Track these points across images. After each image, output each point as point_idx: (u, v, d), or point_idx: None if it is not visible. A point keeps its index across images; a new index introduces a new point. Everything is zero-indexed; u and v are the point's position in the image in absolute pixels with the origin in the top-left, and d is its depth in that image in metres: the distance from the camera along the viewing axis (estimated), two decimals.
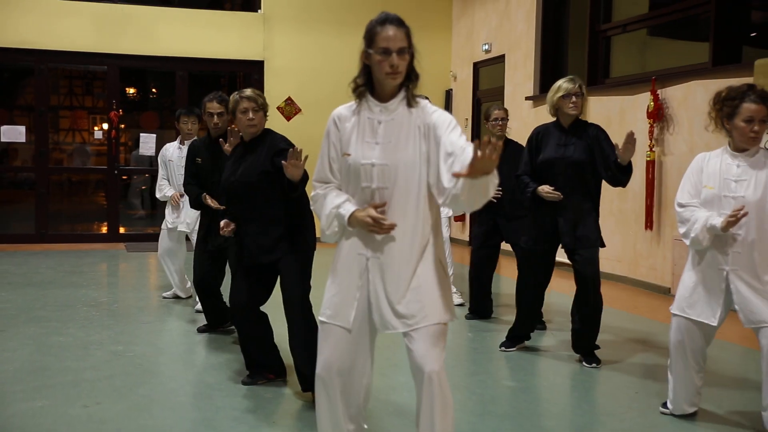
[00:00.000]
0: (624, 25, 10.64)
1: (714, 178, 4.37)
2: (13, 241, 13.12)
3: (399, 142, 3.29)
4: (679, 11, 9.83)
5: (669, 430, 4.59)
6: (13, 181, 15.48)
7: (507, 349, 6.27)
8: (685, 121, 8.96)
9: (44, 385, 5.19)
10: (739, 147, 4.36)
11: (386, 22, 3.27)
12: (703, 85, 8.75)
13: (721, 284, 4.34)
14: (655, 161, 9.28)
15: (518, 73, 12.46)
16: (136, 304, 8.13)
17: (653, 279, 9.47)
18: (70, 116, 17.61)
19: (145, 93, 17.65)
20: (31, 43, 12.83)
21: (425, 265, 3.33)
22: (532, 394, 5.36)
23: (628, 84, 9.97)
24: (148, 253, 12.17)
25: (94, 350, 6.17)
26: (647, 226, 9.49)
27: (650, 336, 7.00)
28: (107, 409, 4.74)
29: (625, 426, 4.68)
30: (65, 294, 8.55)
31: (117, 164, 13.65)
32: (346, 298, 3.37)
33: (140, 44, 13.25)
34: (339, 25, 13.80)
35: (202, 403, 4.95)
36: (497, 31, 13.20)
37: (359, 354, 3.41)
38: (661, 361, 6.13)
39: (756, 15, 9.23)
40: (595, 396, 5.35)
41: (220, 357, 6.06)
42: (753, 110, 4.22)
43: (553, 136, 5.89)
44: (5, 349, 6.12)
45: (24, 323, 7.05)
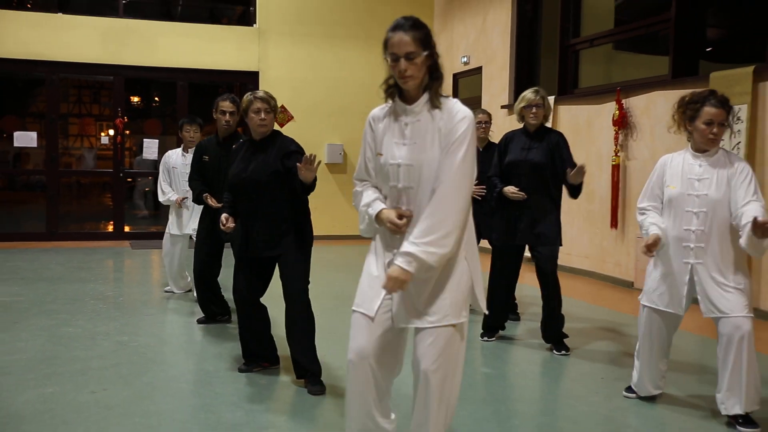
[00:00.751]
0: (591, 40, 10.68)
1: (677, 178, 4.38)
2: (26, 239, 13.10)
3: (424, 143, 3.18)
4: (642, 27, 9.88)
5: (633, 411, 4.61)
6: (25, 183, 15.44)
7: (489, 339, 6.30)
8: (647, 129, 9.00)
9: (54, 373, 5.18)
10: (700, 148, 4.37)
11: (396, 29, 3.15)
12: (664, 96, 8.79)
13: (685, 276, 4.34)
14: (620, 165, 9.31)
15: (494, 84, 12.48)
16: (140, 297, 8.11)
17: (618, 274, 9.51)
18: (78, 123, 17.56)
19: (149, 101, 17.60)
20: (43, 55, 12.82)
21: (448, 265, 3.19)
22: (507, 380, 5.38)
23: (596, 94, 10.01)
24: (152, 250, 12.14)
25: (101, 340, 6.15)
26: (612, 225, 9.52)
27: (615, 326, 7.02)
28: (113, 396, 4.73)
29: (592, 409, 4.69)
30: (74, 288, 8.53)
31: (122, 168, 13.63)
32: (373, 289, 3.26)
33: (144, 56, 13.24)
34: (329, 39, 13.80)
35: (202, 389, 4.95)
36: (475, 45, 13.22)
37: (387, 345, 3.28)
38: (624, 349, 6.17)
39: (711, 32, 9.29)
40: (565, 381, 5.37)
41: (219, 347, 6.06)
42: (713, 113, 4.23)
43: (518, 141, 6.02)
44: (18, 340, 6.10)
45: (35, 315, 7.03)
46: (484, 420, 4.40)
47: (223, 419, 4.33)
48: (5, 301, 7.68)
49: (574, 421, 4.50)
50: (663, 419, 4.50)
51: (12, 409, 4.43)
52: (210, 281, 6.61)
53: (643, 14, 10.18)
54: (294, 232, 4.92)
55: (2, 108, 14.81)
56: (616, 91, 9.39)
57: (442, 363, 3.15)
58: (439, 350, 3.15)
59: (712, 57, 9.06)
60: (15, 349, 5.80)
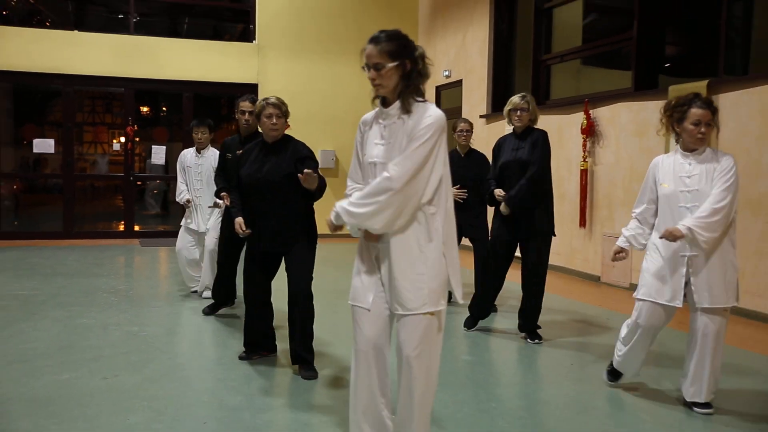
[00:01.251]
0: (561, 56, 10.71)
1: (669, 177, 4.30)
2: (43, 237, 13.07)
3: (398, 144, 3.20)
4: (607, 45, 9.92)
5: (599, 394, 4.63)
6: (44, 186, 15.37)
7: (470, 329, 6.29)
8: (613, 137, 9.03)
9: (70, 360, 5.17)
10: (689, 147, 4.29)
11: (370, 41, 3.20)
12: (627, 107, 8.82)
13: (683, 269, 4.23)
14: (588, 170, 9.34)
15: (473, 95, 12.50)
16: (149, 291, 8.09)
17: (586, 269, 9.54)
18: (92, 131, 17.48)
19: (157, 111, 17.53)
20: (60, 69, 12.79)
21: (426, 254, 3.21)
22: (485, 367, 5.38)
23: (565, 105, 10.03)
24: (160, 247, 12.11)
25: (112, 330, 6.13)
26: (581, 224, 9.55)
27: (583, 317, 7.05)
28: (124, 381, 4.71)
29: (562, 392, 4.71)
30: (88, 283, 8.49)
31: (132, 172, 13.59)
32: (365, 283, 3.32)
33: (152, 70, 13.21)
34: (324, 54, 13.80)
35: (205, 375, 4.94)
36: (455, 60, 13.24)
37: (384, 333, 3.33)
38: (591, 338, 6.19)
39: (669, 49, 9.33)
40: (538, 368, 5.38)
41: (221, 337, 6.05)
42: (700, 114, 4.18)
43: (509, 143, 5.97)
44: (36, 330, 6.08)
45: (52, 307, 7.00)
46: (464, 403, 4.41)
47: (224, 403, 4.33)
48: (25, 294, 7.65)
49: (546, 402, 4.52)
50: (627, 400, 4.51)
51: (31, 394, 4.42)
52: (231, 266, 6.62)
53: (608, 33, 10.24)
54: (303, 229, 4.90)
55: (22, 117, 14.74)
56: (584, 102, 9.42)
57: (423, 349, 3.18)
58: (420, 337, 3.18)
59: (670, 72, 9.10)
60: (33, 338, 5.78)
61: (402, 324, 3.22)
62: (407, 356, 3.18)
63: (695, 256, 4.20)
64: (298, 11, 13.86)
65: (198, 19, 15.19)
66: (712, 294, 4.18)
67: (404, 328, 3.20)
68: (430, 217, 3.20)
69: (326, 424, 3.99)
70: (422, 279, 3.19)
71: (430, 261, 3.20)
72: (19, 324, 6.29)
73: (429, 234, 3.21)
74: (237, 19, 14.89)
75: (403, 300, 3.19)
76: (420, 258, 3.19)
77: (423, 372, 3.21)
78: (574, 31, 10.75)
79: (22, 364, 5.05)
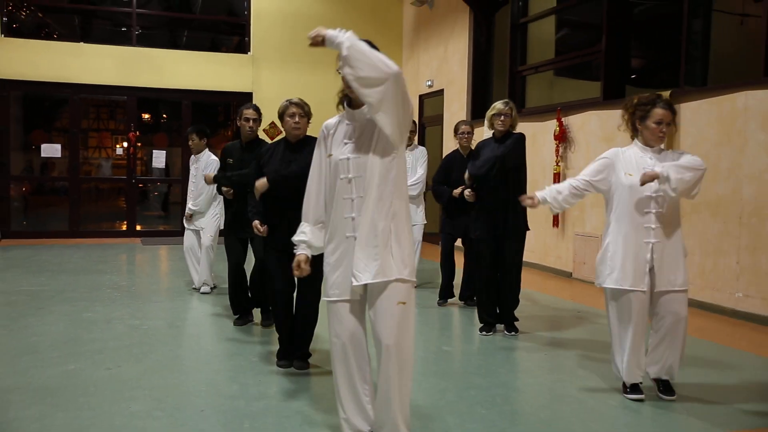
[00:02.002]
0: (536, 67, 10.75)
1: (632, 167, 4.21)
2: (51, 236, 13.03)
3: (369, 141, 3.26)
4: (578, 57, 9.98)
5: (570, 383, 4.63)
6: (51, 188, 15.28)
7: (487, 333, 5.91)
8: (583, 142, 9.06)
9: (75, 352, 5.13)
10: (648, 144, 4.24)
11: None
12: (597, 115, 8.86)
13: (647, 254, 4.14)
14: (560, 173, 9.37)
15: (454, 104, 12.52)
16: (150, 287, 8.06)
17: (559, 266, 9.57)
18: (97, 136, 17.41)
19: (157, 118, 17.45)
20: (67, 78, 12.77)
21: (393, 230, 3.24)
22: (465, 357, 5.38)
23: (540, 113, 10.06)
24: (160, 246, 12.06)
25: (115, 324, 6.09)
26: (554, 224, 9.59)
27: (556, 311, 7.07)
28: (126, 372, 4.68)
29: (537, 381, 4.73)
30: (92, 279, 8.45)
31: (134, 175, 13.55)
32: (344, 274, 3.29)
33: (153, 79, 13.17)
34: (314, 64, 13.76)
35: (203, 366, 4.92)
36: (438, 71, 13.25)
37: (360, 321, 3.35)
38: (563, 330, 6.20)
39: (635, 61, 9.38)
40: (514, 358, 5.37)
41: (218, 330, 6.03)
42: (662, 114, 4.16)
43: (489, 147, 5.87)
44: (44, 323, 6.03)
45: (59, 302, 6.95)
46: (446, 391, 4.40)
47: (221, 391, 4.31)
48: (33, 290, 7.59)
49: (522, 390, 4.53)
50: (596, 388, 4.52)
51: (39, 383, 4.38)
52: (243, 279, 6.15)
53: (579, 46, 10.29)
54: None
55: (31, 124, 14.68)
56: (557, 110, 9.45)
57: (398, 335, 3.18)
58: (396, 324, 3.18)
59: (635, 83, 9.15)
60: (41, 332, 5.74)
61: (375, 312, 3.22)
62: (386, 345, 3.16)
63: (658, 243, 4.15)
64: (290, 24, 13.84)
65: (196, 31, 15.14)
66: (677, 277, 4.16)
67: (379, 316, 3.20)
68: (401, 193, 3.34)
69: (316, 410, 3.98)
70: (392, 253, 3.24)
71: (393, 240, 3.25)
72: (28, 318, 6.25)
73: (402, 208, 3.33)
74: (233, 31, 14.84)
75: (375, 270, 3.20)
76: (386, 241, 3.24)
77: (404, 358, 3.22)
78: (548, 44, 10.79)
79: (30, 356, 5.01)
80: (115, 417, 3.83)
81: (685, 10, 7.74)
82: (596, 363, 5.12)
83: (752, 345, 5.81)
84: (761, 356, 5.45)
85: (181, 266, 9.40)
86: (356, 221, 3.25)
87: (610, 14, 8.87)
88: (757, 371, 5.04)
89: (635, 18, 9.12)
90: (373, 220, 3.21)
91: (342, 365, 3.33)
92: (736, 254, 6.85)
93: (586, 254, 8.96)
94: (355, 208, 3.25)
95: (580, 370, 4.96)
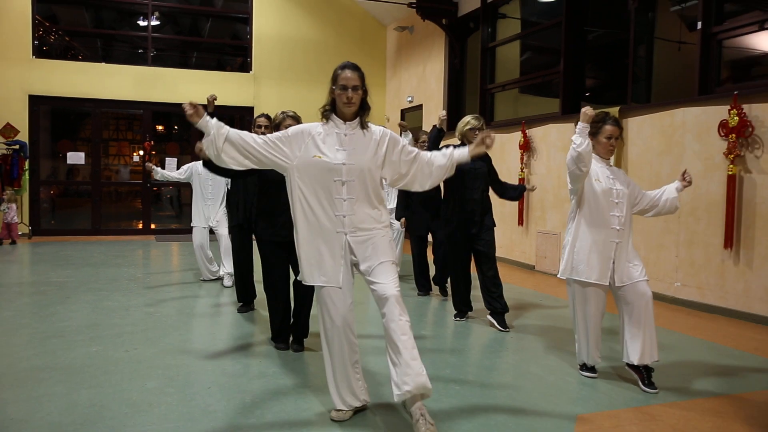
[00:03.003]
0: (503, 86, 10.80)
1: (600, 176, 4.20)
2: (76, 234, 12.97)
3: (363, 150, 3.33)
4: (539, 77, 10.02)
5: (533, 361, 4.67)
6: (75, 191, 15.19)
7: (460, 319, 5.94)
8: (545, 151, 9.12)
9: (97, 336, 5.12)
10: (600, 156, 4.25)
11: (345, 68, 3.36)
12: (556, 127, 8.91)
13: (612, 253, 4.12)
14: (525, 178, 9.42)
15: (432, 117, 12.54)
16: (163, 278, 8.03)
17: (523, 259, 9.62)
18: (116, 145, 17.30)
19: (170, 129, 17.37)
20: (90, 94, 12.71)
21: (381, 231, 3.37)
22: (440, 341, 5.38)
23: (506, 125, 10.11)
24: (172, 242, 12.02)
25: (133, 311, 6.08)
26: (519, 223, 9.64)
27: (520, 298, 7.10)
28: (142, 353, 4.68)
29: (504, 360, 4.76)
30: (112, 271, 8.41)
31: (149, 179, 13.48)
32: (334, 265, 3.30)
33: (166, 95, 13.11)
34: (308, 81, 13.78)
35: (209, 348, 4.91)
36: (417, 88, 13.28)
37: (351, 307, 3.35)
38: (527, 315, 6.24)
39: (589, 81, 9.44)
40: (484, 340, 5.39)
41: (223, 317, 6.03)
42: (611, 130, 4.16)
43: None
44: (70, 311, 6.01)
45: (83, 292, 6.92)
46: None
47: (225, 371, 4.31)
48: (60, 282, 7.55)
49: (491, 368, 4.55)
50: (556, 366, 4.56)
51: (65, 363, 4.37)
52: (250, 271, 6.12)
53: (541, 67, 10.34)
54: None
55: (58, 134, 14.57)
56: (521, 123, 9.50)
57: (395, 278, 3.31)
58: (394, 276, 3.31)
59: (589, 99, 9.22)
60: (67, 318, 5.73)
61: (375, 274, 3.27)
62: (394, 295, 3.21)
63: (620, 243, 4.14)
64: (287, 47, 13.83)
65: (204, 53, 15.08)
66: (639, 269, 4.15)
67: (379, 276, 3.26)
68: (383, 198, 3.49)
69: (310, 386, 3.99)
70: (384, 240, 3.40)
71: (385, 236, 3.41)
72: (56, 306, 6.22)
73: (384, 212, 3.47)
74: (236, 53, 14.79)
75: (387, 256, 3.33)
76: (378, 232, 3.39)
77: (403, 306, 3.27)
78: (513, 65, 10.84)
79: (58, 339, 5.00)
80: (133, 393, 3.83)
81: (631, 37, 7.82)
82: (556, 344, 5.16)
83: (687, 328, 5.89)
84: (696, 337, 5.52)
85: (190, 260, 9.39)
86: (347, 219, 3.29)
87: (568, 40, 8.93)
88: (692, 351, 5.11)
89: (589, 44, 9.19)
90: (364, 218, 3.32)
91: (336, 347, 3.32)
92: (675, 249, 6.93)
93: (547, 249, 9.02)
94: (346, 208, 3.28)
95: (542, 350, 5.00)
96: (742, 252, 6.28)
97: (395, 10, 13.32)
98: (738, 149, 6.24)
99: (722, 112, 6.42)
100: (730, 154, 6.29)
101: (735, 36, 6.75)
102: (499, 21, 11.04)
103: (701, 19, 6.83)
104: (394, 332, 3.19)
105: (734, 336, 5.61)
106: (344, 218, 3.29)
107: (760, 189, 6.12)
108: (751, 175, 6.19)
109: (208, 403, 3.68)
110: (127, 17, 14.08)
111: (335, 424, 3.38)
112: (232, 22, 14.73)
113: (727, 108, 6.33)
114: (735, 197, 6.28)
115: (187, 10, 14.22)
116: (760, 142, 6.12)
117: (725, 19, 6.82)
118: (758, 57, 6.81)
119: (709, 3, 6.83)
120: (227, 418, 3.47)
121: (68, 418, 3.42)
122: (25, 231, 12.33)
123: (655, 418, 3.62)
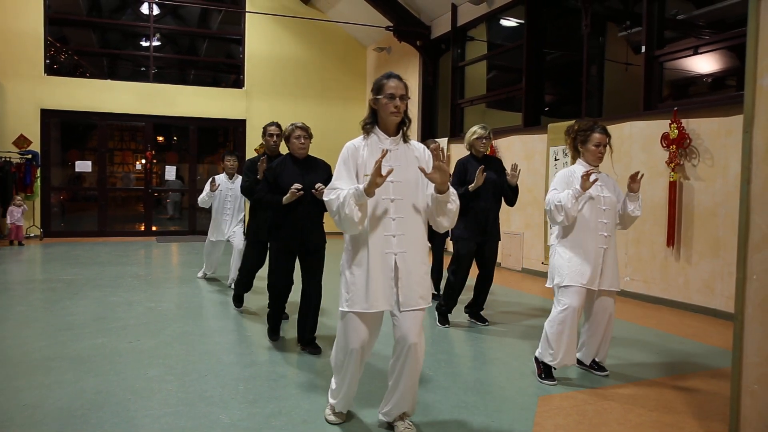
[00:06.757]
0: (471, 101, 10.86)
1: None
2: (83, 235, 12.79)
3: (407, 166, 2.87)
4: (504, 93, 10.09)
5: (498, 348, 4.67)
6: (83, 196, 15.04)
7: (444, 325, 5.46)
8: (509, 160, 9.16)
9: (103, 329, 5.07)
10: (590, 163, 3.98)
11: (391, 77, 2.92)
12: (519, 139, 8.98)
13: (600, 258, 3.86)
14: None
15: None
16: (163, 276, 7.95)
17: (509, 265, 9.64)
18: (120, 155, 17.14)
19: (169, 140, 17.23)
20: (97, 108, 12.54)
21: (425, 258, 2.92)
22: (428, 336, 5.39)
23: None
24: (171, 243, 11.91)
25: (136, 306, 6.02)
26: None
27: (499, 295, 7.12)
28: (144, 344, 4.64)
29: (472, 348, 4.77)
30: (117, 270, 8.32)
31: (150, 185, 13.35)
32: (375, 289, 2.82)
33: (166, 109, 12.99)
34: (296, 96, 13.72)
35: (206, 339, 4.88)
36: None
37: (375, 332, 2.97)
38: (492, 308, 6.26)
39: (548, 97, 9.53)
40: (455, 331, 5.41)
41: (218, 311, 5.98)
42: (599, 138, 3.91)
43: (473, 165, 5.27)
44: (78, 306, 5.94)
45: (90, 289, 6.84)
46: None
47: (220, 360, 4.29)
48: (69, 279, 7.45)
49: (461, 356, 4.57)
50: (521, 354, 4.57)
51: (73, 354, 4.32)
52: (251, 280, 5.82)
53: (505, 85, 10.41)
54: (323, 233, 4.51)
55: (68, 144, 14.44)
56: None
57: (421, 335, 2.90)
58: (420, 325, 2.89)
59: (549, 113, 9.30)
60: (75, 312, 5.66)
61: (405, 317, 2.85)
62: (413, 343, 2.83)
63: (607, 249, 3.89)
64: (277, 66, 13.76)
65: (201, 70, 14.97)
66: (616, 279, 3.95)
67: (408, 321, 2.84)
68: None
69: (297, 375, 3.98)
70: (427, 277, 2.94)
71: (425, 265, 2.94)
72: (65, 301, 6.14)
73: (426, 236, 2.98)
74: (230, 71, 14.70)
75: (424, 294, 2.89)
76: (425, 258, 2.94)
77: (421, 353, 2.91)
78: (481, 82, 10.90)
79: (67, 331, 4.94)
80: (136, 381, 3.79)
81: (585, 58, 7.91)
82: (520, 333, 5.20)
83: (635, 317, 5.96)
84: (643, 326, 5.59)
85: (188, 259, 9.32)
86: (397, 239, 2.84)
87: (529, 60, 9.00)
88: (639, 337, 5.18)
89: (548, 64, 9.27)
90: (417, 241, 2.87)
91: (351, 368, 2.97)
92: (625, 247, 7.01)
93: (512, 248, 9.07)
94: (395, 228, 2.84)
95: (507, 338, 5.03)
96: (682, 249, 6.38)
97: (375, 33, 13.34)
98: (678, 159, 6.34)
99: (664, 125, 6.52)
100: (671, 163, 6.38)
101: (674, 59, 6.86)
102: (468, 43, 11.10)
103: (645, 44, 6.94)
104: (404, 368, 2.90)
105: (676, 324, 5.69)
106: (394, 237, 2.83)
107: (697, 194, 6.22)
108: (689, 182, 6.29)
109: (204, 390, 3.65)
110: (130, 38, 13.96)
111: (319, 405, 3.37)
112: (226, 43, 14.65)
113: (668, 122, 6.43)
114: (676, 201, 6.37)
115: (185, 32, 14.15)
116: (697, 153, 6.22)
117: (666, 44, 6.93)
118: (694, 77, 6.94)
119: (652, 29, 6.94)
120: (222, 402, 3.45)
121: (76, 404, 3.37)
122: (36, 233, 12.17)
123: (607, 397, 3.66)
